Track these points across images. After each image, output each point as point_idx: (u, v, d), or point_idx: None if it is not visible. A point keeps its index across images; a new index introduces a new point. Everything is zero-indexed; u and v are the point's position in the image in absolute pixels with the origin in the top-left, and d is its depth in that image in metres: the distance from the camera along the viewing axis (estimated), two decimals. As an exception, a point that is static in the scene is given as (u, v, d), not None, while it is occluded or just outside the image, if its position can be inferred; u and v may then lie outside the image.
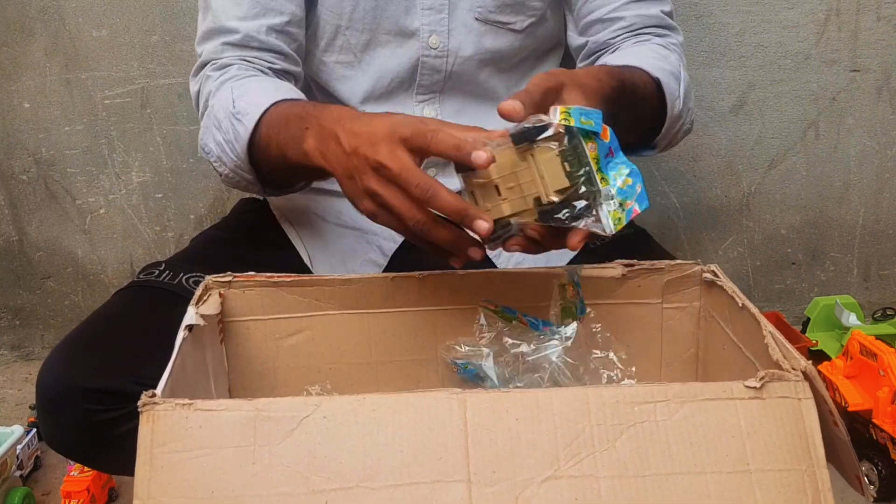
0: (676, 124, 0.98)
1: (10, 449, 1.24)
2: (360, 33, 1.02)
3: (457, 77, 1.04)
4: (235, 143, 0.91)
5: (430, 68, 1.02)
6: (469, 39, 1.02)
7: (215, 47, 1.01)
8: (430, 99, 1.05)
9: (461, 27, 1.02)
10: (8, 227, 1.68)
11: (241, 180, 0.96)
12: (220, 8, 1.01)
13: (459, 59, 1.03)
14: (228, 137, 0.91)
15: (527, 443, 0.56)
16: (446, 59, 1.02)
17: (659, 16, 1.05)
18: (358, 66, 1.04)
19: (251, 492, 0.54)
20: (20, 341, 1.77)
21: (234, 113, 0.90)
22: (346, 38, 1.02)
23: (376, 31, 1.02)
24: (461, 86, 1.05)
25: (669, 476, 0.55)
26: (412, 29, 1.01)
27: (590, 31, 1.06)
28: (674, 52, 1.02)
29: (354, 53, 1.03)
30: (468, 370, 0.80)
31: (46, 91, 1.58)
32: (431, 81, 1.04)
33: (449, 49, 1.01)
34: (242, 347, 0.83)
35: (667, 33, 1.06)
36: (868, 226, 1.70)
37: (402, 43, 1.02)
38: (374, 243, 1.04)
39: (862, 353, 1.27)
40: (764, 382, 0.57)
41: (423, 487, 0.54)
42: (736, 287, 0.75)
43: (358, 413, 0.56)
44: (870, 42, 1.58)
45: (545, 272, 0.84)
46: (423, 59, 1.02)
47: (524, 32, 1.05)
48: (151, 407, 0.56)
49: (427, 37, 1.01)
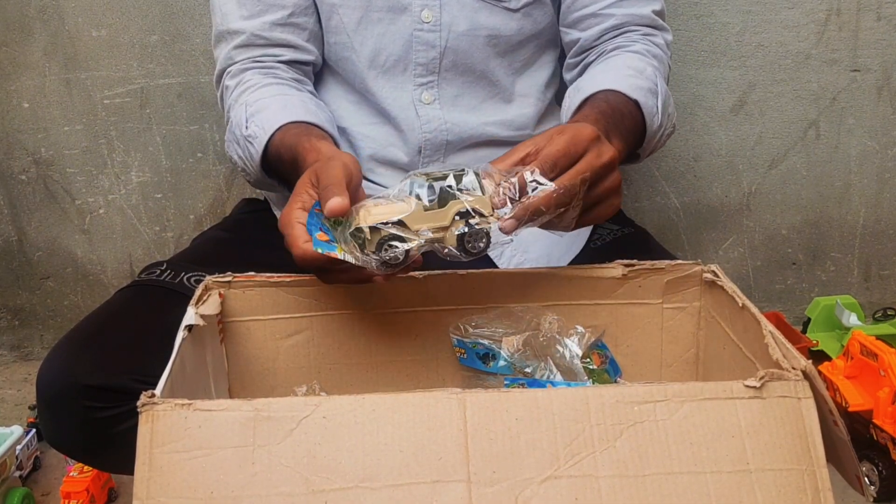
0: (657, 135, 0.99)
1: (10, 449, 1.24)
2: (352, 10, 1.03)
3: (452, 54, 1.04)
4: (250, 162, 0.98)
5: (424, 43, 1.03)
6: (462, 14, 1.03)
7: (227, 53, 1.06)
8: (429, 83, 1.05)
9: (454, 2, 1.03)
10: (7, 227, 1.68)
11: (268, 187, 1.04)
12: (226, 10, 1.06)
13: (453, 34, 1.03)
14: (244, 155, 0.98)
15: (526, 442, 0.56)
16: (440, 33, 1.02)
17: (649, 16, 1.06)
18: (352, 46, 1.05)
19: (250, 492, 0.54)
20: (19, 341, 1.77)
21: (247, 136, 0.97)
22: (340, 16, 1.04)
23: (368, 9, 1.03)
24: (459, 67, 1.06)
25: (669, 475, 0.55)
26: (404, 4, 1.02)
27: (580, 25, 1.07)
28: (652, 60, 1.02)
29: (348, 33, 1.04)
30: (476, 349, 0.80)
31: (46, 91, 1.58)
32: (427, 59, 1.04)
33: (441, 23, 1.02)
34: (242, 347, 0.83)
35: (654, 33, 1.07)
36: (868, 226, 1.70)
37: (395, 19, 1.03)
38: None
39: (862, 354, 1.27)
40: (764, 382, 0.57)
41: (422, 487, 0.54)
42: (736, 287, 0.75)
43: (357, 413, 0.56)
44: (870, 42, 1.58)
45: (545, 272, 0.84)
46: (415, 34, 1.03)
47: (520, 12, 1.05)
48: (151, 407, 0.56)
49: (419, 11, 1.02)
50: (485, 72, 1.07)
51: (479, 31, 1.04)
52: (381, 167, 1.08)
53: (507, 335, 0.81)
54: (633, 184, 1.65)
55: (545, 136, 0.75)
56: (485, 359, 0.81)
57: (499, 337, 0.81)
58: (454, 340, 0.82)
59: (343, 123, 1.08)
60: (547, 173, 0.72)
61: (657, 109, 0.96)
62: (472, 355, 0.81)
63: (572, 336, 0.80)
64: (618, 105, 0.92)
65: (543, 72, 1.13)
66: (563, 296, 0.84)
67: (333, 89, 1.11)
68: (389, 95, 1.05)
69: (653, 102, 0.96)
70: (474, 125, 1.07)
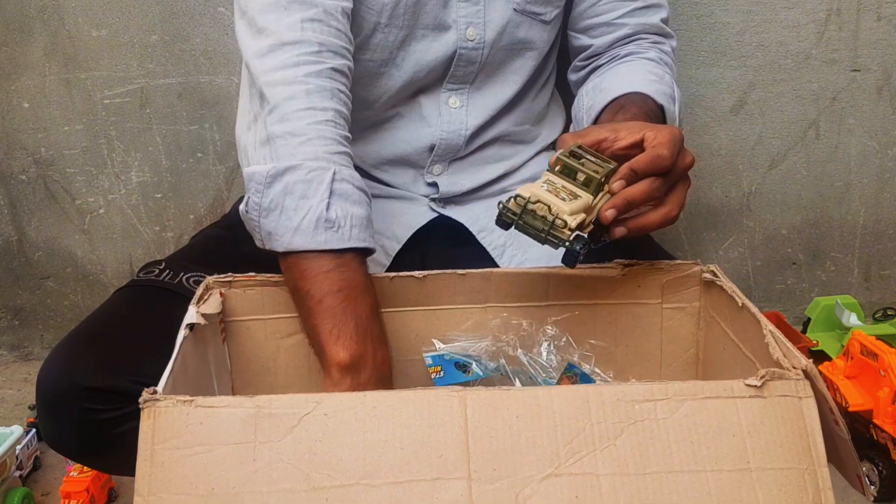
0: None
1: (10, 449, 1.24)
2: (398, 30, 1.01)
3: (489, 66, 1.04)
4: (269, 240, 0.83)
5: (465, 60, 1.03)
6: (506, 31, 1.03)
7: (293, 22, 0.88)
8: (460, 89, 1.05)
9: (498, 18, 1.02)
10: (7, 227, 1.68)
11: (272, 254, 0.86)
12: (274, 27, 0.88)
13: (494, 49, 1.03)
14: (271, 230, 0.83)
15: (527, 440, 0.56)
16: (482, 50, 1.02)
17: (658, 24, 1.08)
18: (393, 62, 1.03)
19: (252, 488, 0.54)
20: (19, 341, 1.77)
21: (328, 218, 0.80)
22: (385, 35, 1.01)
23: (414, 27, 1.01)
24: (492, 77, 1.06)
25: (670, 474, 0.55)
26: (449, 22, 1.01)
27: (591, 32, 1.08)
28: (666, 68, 1.05)
29: (391, 51, 1.02)
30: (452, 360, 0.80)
31: (46, 91, 1.58)
32: (465, 73, 1.04)
33: (485, 41, 1.02)
34: (244, 347, 0.83)
35: (662, 40, 1.09)
36: (869, 226, 1.70)
37: (438, 37, 1.01)
38: (378, 243, 1.03)
39: (862, 354, 1.27)
40: (764, 381, 0.57)
41: (423, 485, 0.54)
42: (736, 287, 0.75)
43: (358, 410, 0.56)
44: (870, 42, 1.58)
45: (545, 272, 0.84)
46: (460, 52, 1.02)
47: (551, 24, 1.06)
48: (153, 404, 0.56)
49: (465, 29, 1.01)
50: (513, 78, 1.07)
51: (517, 46, 1.05)
52: (388, 164, 1.07)
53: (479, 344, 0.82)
54: (633, 184, 1.65)
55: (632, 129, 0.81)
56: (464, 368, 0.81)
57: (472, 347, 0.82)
58: (428, 360, 0.81)
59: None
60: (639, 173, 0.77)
61: (676, 115, 0.99)
62: (450, 369, 0.80)
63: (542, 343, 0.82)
64: (651, 109, 0.94)
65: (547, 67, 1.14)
66: (563, 296, 0.84)
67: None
68: (417, 99, 1.05)
69: (672, 108, 0.98)
70: (488, 127, 1.07)
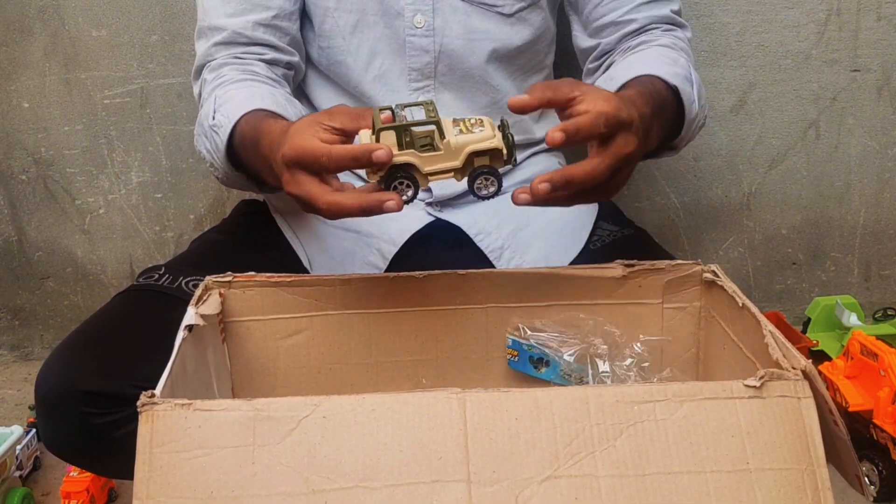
0: (693, 124, 1.00)
1: (10, 449, 1.24)
2: (347, 14, 1.03)
3: (447, 58, 1.04)
4: (216, 154, 0.95)
5: (417, 48, 1.03)
6: (455, 19, 1.03)
7: (207, 48, 1.05)
8: (425, 87, 1.05)
9: (446, 7, 1.03)
10: (7, 227, 1.68)
11: (236, 183, 1.00)
12: (209, 6, 1.05)
13: (447, 38, 1.03)
14: (211, 147, 0.96)
15: (526, 442, 0.56)
16: (433, 38, 1.03)
17: (669, 15, 1.07)
18: (347, 50, 1.04)
19: (250, 492, 0.54)
20: (19, 341, 1.77)
21: (213, 125, 0.95)
22: (335, 20, 1.04)
23: (364, 13, 1.03)
24: (456, 72, 1.05)
25: (669, 475, 0.55)
26: (397, 8, 1.02)
27: (601, 33, 1.07)
28: (682, 52, 1.03)
29: (343, 37, 1.04)
30: (531, 352, 0.80)
31: (46, 91, 1.58)
32: (421, 64, 1.04)
33: (434, 28, 1.02)
34: (243, 348, 0.83)
35: (675, 28, 1.07)
36: (869, 226, 1.70)
37: (390, 23, 1.03)
38: (374, 246, 1.03)
39: (862, 354, 1.27)
40: (763, 381, 0.57)
41: (422, 487, 0.54)
42: (736, 287, 0.75)
43: (357, 413, 0.56)
44: (870, 42, 1.58)
45: (545, 272, 0.84)
46: (408, 39, 1.03)
47: (514, 17, 1.05)
48: (150, 407, 0.56)
49: (412, 16, 1.02)
50: (484, 77, 1.06)
51: (474, 36, 1.04)
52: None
53: (566, 342, 0.81)
54: (633, 184, 1.65)
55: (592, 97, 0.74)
56: (537, 364, 0.81)
57: (556, 343, 0.81)
58: (510, 341, 0.82)
59: None
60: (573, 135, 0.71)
61: (693, 97, 0.97)
62: (524, 358, 0.81)
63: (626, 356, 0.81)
64: (660, 90, 0.91)
65: (541, 75, 1.14)
66: (563, 296, 0.84)
67: (328, 95, 1.10)
68: (385, 100, 1.05)
69: (689, 90, 0.96)
70: None
